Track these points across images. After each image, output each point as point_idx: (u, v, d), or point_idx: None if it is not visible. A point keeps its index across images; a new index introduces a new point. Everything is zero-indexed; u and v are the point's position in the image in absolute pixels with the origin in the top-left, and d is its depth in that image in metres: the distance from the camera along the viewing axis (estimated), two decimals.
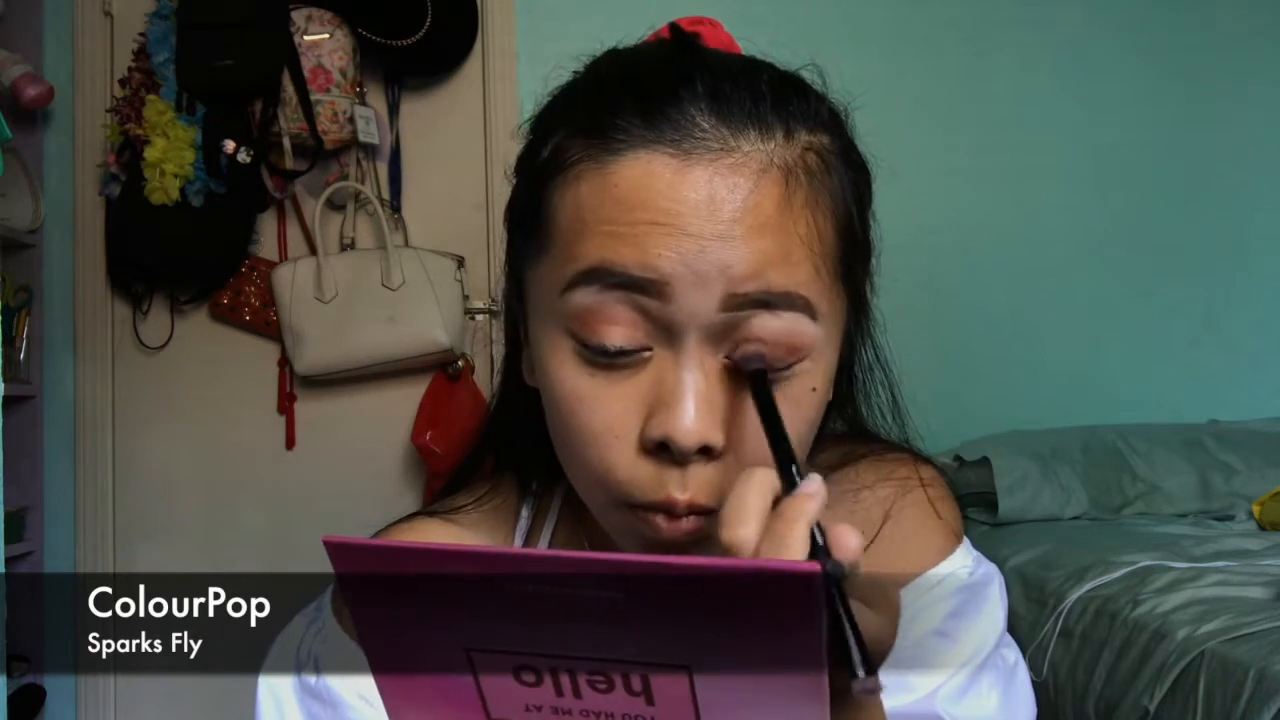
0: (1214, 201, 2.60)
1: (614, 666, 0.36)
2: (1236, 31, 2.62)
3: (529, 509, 0.65)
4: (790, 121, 0.52)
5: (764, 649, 0.34)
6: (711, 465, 0.51)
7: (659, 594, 0.33)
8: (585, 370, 0.52)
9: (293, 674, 0.62)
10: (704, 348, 0.50)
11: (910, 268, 2.32)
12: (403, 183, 2.37)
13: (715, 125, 0.50)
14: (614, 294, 0.50)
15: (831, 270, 0.53)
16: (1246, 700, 1.21)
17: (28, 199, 2.31)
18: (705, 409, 0.50)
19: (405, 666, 0.38)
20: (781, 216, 0.50)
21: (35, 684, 2.27)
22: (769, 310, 0.50)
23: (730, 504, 0.43)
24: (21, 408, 2.29)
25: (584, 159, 0.52)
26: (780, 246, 0.50)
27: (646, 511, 0.51)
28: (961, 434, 2.29)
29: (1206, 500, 2.16)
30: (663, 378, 0.50)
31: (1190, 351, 2.56)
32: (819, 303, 0.52)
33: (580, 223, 0.51)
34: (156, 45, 2.22)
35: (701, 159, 0.50)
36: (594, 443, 0.52)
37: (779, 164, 0.51)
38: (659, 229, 0.49)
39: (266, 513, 2.38)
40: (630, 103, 0.51)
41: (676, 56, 0.55)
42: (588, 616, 0.34)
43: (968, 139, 2.48)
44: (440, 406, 2.25)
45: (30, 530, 2.29)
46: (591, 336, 0.51)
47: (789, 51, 0.59)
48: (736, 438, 0.51)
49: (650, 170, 0.50)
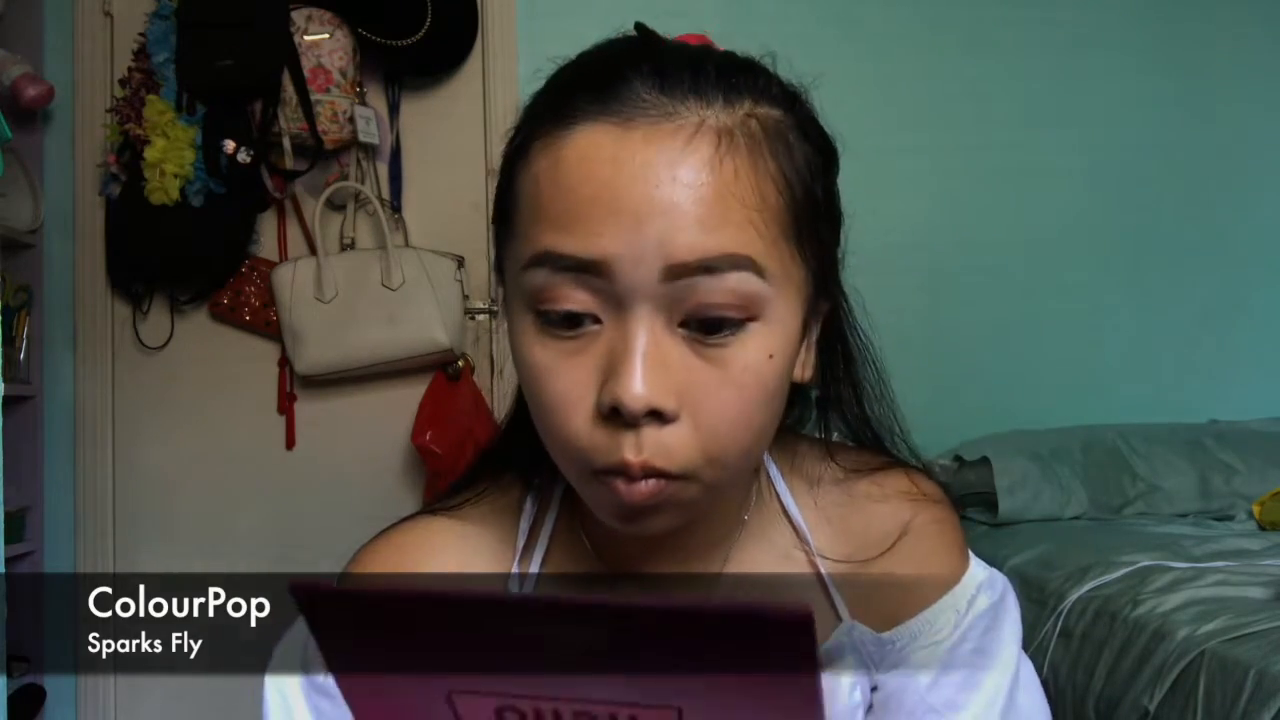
0: (1213, 201, 2.60)
1: (600, 706, 0.35)
2: (1236, 32, 2.62)
3: (532, 503, 0.66)
4: (730, 93, 0.54)
5: (756, 690, 0.34)
6: (667, 429, 0.52)
7: (646, 634, 0.33)
8: (544, 342, 0.54)
9: (300, 672, 0.62)
10: (654, 315, 0.52)
11: (910, 268, 2.33)
12: (403, 183, 2.37)
13: (656, 96, 0.53)
14: (562, 275, 0.52)
15: (780, 231, 0.54)
16: (1246, 700, 1.21)
17: (28, 199, 2.31)
18: (655, 374, 0.51)
19: (386, 712, 0.37)
20: (715, 177, 0.52)
21: (35, 684, 2.27)
22: (710, 274, 0.51)
23: None
24: (21, 408, 2.29)
25: (540, 137, 0.55)
26: (716, 208, 0.52)
27: (606, 475, 0.53)
28: (961, 434, 2.29)
29: (1206, 500, 2.16)
30: (614, 347, 0.52)
31: (1190, 351, 2.56)
32: (765, 261, 0.53)
33: (535, 206, 0.54)
34: (156, 45, 2.22)
35: (640, 125, 0.52)
36: (556, 411, 0.54)
37: (714, 126, 0.53)
38: (599, 204, 0.51)
39: (266, 512, 2.38)
40: (583, 84, 0.54)
41: (633, 45, 0.58)
42: (572, 657, 0.34)
43: (968, 139, 2.48)
44: (440, 406, 2.25)
45: (30, 530, 2.29)
46: (546, 306, 0.53)
47: (786, 50, 0.60)
48: (691, 402, 0.52)
49: (595, 141, 0.52)
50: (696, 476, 0.53)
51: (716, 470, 0.54)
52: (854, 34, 2.43)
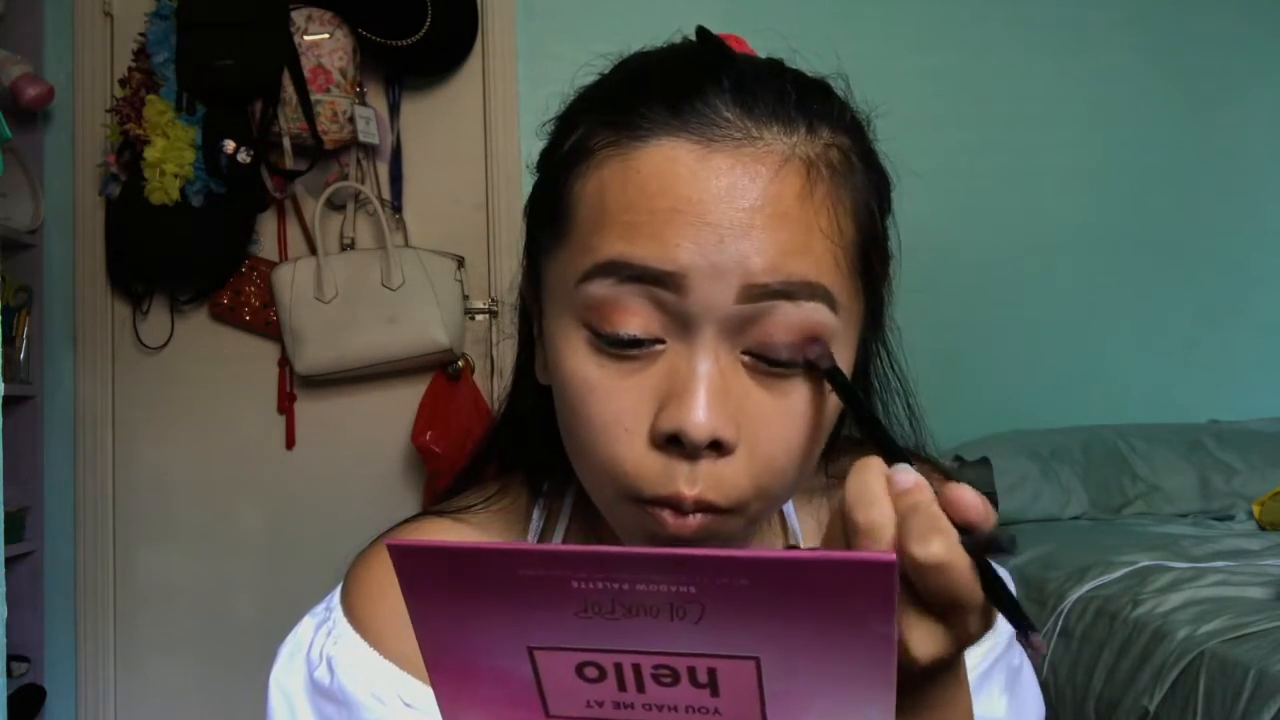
0: (1214, 201, 2.60)
1: (680, 659, 0.35)
2: (1237, 32, 2.62)
3: (540, 511, 0.65)
4: (813, 119, 0.52)
5: (834, 638, 0.34)
6: (722, 461, 0.50)
7: (731, 587, 0.33)
8: (597, 361, 0.51)
9: (304, 675, 0.61)
10: (720, 341, 0.50)
11: (910, 268, 2.29)
12: (403, 183, 2.37)
13: (739, 116, 0.51)
14: (630, 286, 0.50)
15: (851, 265, 0.53)
16: (1246, 700, 1.21)
17: (28, 199, 2.31)
18: (718, 402, 0.49)
19: (465, 667, 0.38)
20: (802, 207, 0.50)
21: (35, 684, 2.27)
22: (789, 300, 0.50)
23: (855, 488, 0.43)
24: (21, 408, 2.29)
25: (607, 146, 0.52)
26: (800, 237, 0.50)
27: (653, 506, 0.51)
28: (961, 434, 2.30)
29: (1206, 500, 2.16)
30: (676, 370, 0.50)
31: (1190, 351, 2.56)
32: (839, 294, 0.51)
33: (600, 211, 0.51)
34: (156, 45, 2.22)
35: (724, 148, 0.50)
36: (603, 434, 0.51)
37: (801, 156, 0.51)
38: (679, 217, 0.49)
39: (266, 512, 2.38)
40: (656, 94, 0.52)
41: (704, 54, 0.55)
42: (656, 611, 0.34)
43: (968, 139, 2.48)
44: (440, 406, 2.25)
45: (30, 530, 2.29)
46: (605, 326, 0.50)
47: (786, 50, 0.60)
48: (749, 433, 0.50)
49: (673, 156, 0.50)
50: (744, 510, 0.51)
51: (763, 503, 0.52)
52: (853, 34, 2.44)
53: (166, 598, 2.36)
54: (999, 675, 0.64)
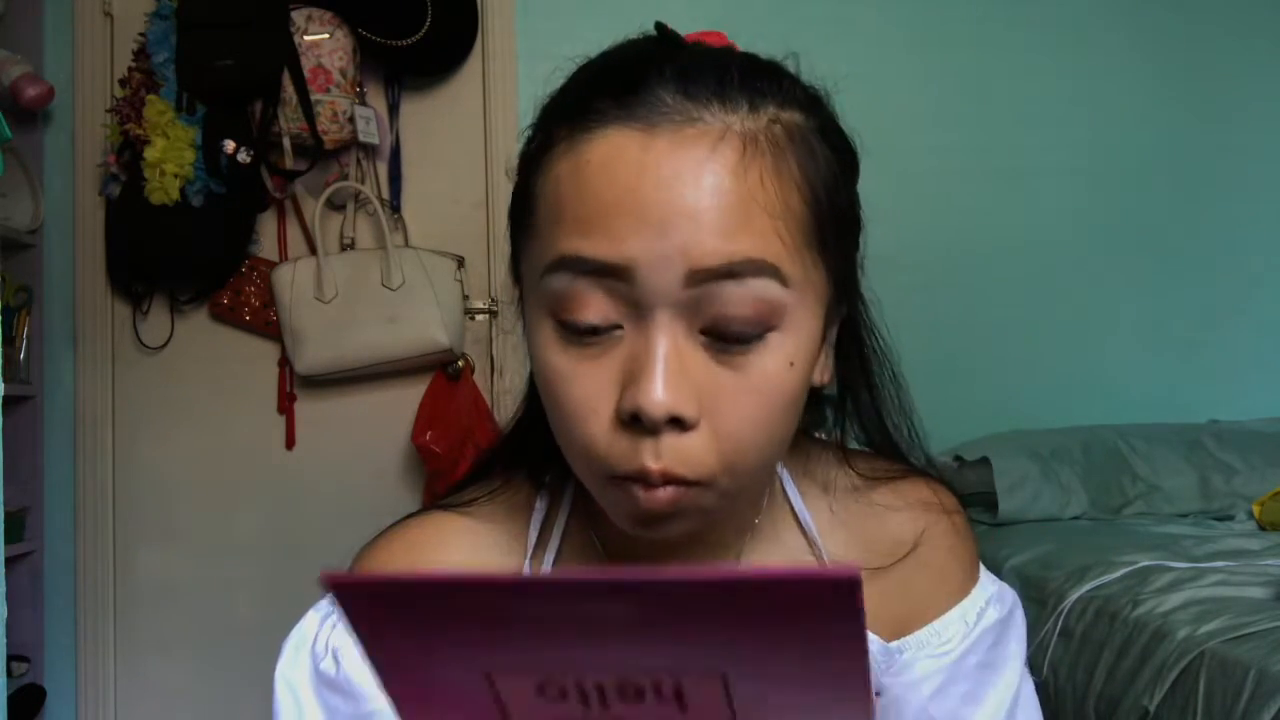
0: (1214, 201, 2.60)
1: (644, 676, 0.35)
2: (1237, 32, 2.62)
3: (543, 502, 0.66)
4: (755, 97, 0.54)
5: (802, 651, 0.34)
6: (686, 436, 0.52)
7: (688, 604, 0.33)
8: (564, 349, 0.54)
9: (310, 667, 0.62)
10: (675, 322, 0.52)
11: (910, 267, 2.32)
12: (403, 183, 2.37)
13: (680, 100, 0.52)
14: (584, 279, 0.52)
15: (800, 239, 0.54)
16: (1246, 700, 1.21)
17: (28, 199, 2.31)
18: (675, 381, 0.51)
19: (424, 696, 0.37)
20: (738, 182, 0.52)
21: (35, 684, 2.27)
22: (734, 279, 0.51)
23: None
24: (21, 408, 2.29)
25: (561, 141, 0.54)
26: (740, 215, 0.51)
27: (625, 482, 0.53)
28: (961, 434, 2.29)
29: (1206, 500, 2.16)
30: (635, 354, 0.52)
31: (1190, 351, 2.56)
32: (787, 269, 0.52)
33: (556, 206, 0.54)
34: (156, 45, 2.22)
35: (664, 132, 0.52)
36: (574, 417, 0.54)
37: (738, 131, 0.52)
38: (623, 210, 0.51)
39: (266, 512, 2.38)
40: (605, 87, 0.54)
41: (654, 47, 0.57)
42: (612, 630, 0.34)
43: (968, 139, 2.48)
44: (440, 406, 2.25)
45: (30, 530, 2.29)
46: (566, 315, 0.53)
47: (785, 49, 0.60)
48: (710, 410, 0.52)
49: (619, 145, 0.52)
50: (714, 483, 0.53)
51: (734, 477, 0.54)
52: (853, 34, 2.43)
53: (166, 598, 2.36)
54: (1025, 697, 0.65)
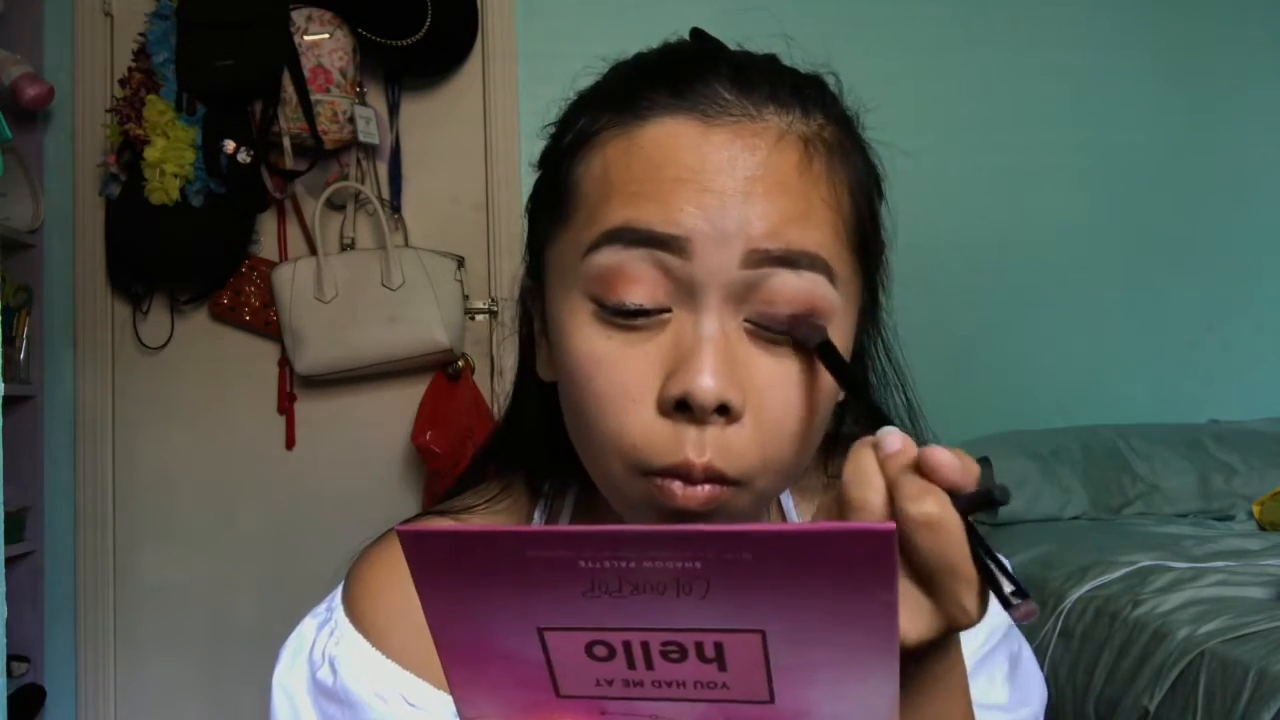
0: (1214, 201, 2.60)
1: (688, 635, 0.36)
2: (1238, 32, 2.62)
3: (542, 511, 0.65)
4: (807, 104, 0.54)
5: (837, 609, 0.35)
6: (730, 429, 0.50)
7: (735, 561, 0.34)
8: (604, 332, 0.52)
9: (307, 676, 0.61)
10: (724, 307, 0.51)
11: (910, 267, 2.30)
12: (403, 183, 2.37)
13: (737, 97, 0.52)
14: (636, 252, 0.51)
15: (850, 240, 0.54)
16: (1246, 700, 1.21)
17: (28, 199, 2.31)
18: (725, 367, 0.50)
19: (476, 651, 0.38)
20: (801, 178, 0.52)
21: (35, 684, 2.27)
22: (790, 268, 0.51)
23: (850, 468, 0.44)
24: (21, 408, 2.29)
25: (610, 127, 0.54)
26: (800, 205, 0.51)
27: (662, 478, 0.50)
28: (961, 434, 2.29)
29: (1206, 500, 2.16)
30: (682, 337, 0.51)
31: (1190, 351, 2.56)
32: (838, 268, 0.53)
33: (606, 185, 0.53)
34: (156, 45, 2.22)
35: (724, 124, 0.52)
36: (610, 406, 0.51)
37: (797, 133, 0.53)
38: (682, 184, 0.50)
39: (266, 512, 2.38)
40: (658, 79, 0.54)
41: (702, 47, 0.58)
42: (663, 588, 0.35)
43: (968, 139, 2.48)
44: (440, 406, 2.25)
45: (30, 530, 2.29)
46: (611, 296, 0.51)
47: (785, 49, 0.60)
48: (755, 401, 0.51)
49: (675, 131, 0.52)
50: (751, 484, 0.51)
51: (770, 477, 0.52)
52: (853, 33, 2.43)
53: (167, 597, 2.36)
54: (1000, 660, 0.64)
